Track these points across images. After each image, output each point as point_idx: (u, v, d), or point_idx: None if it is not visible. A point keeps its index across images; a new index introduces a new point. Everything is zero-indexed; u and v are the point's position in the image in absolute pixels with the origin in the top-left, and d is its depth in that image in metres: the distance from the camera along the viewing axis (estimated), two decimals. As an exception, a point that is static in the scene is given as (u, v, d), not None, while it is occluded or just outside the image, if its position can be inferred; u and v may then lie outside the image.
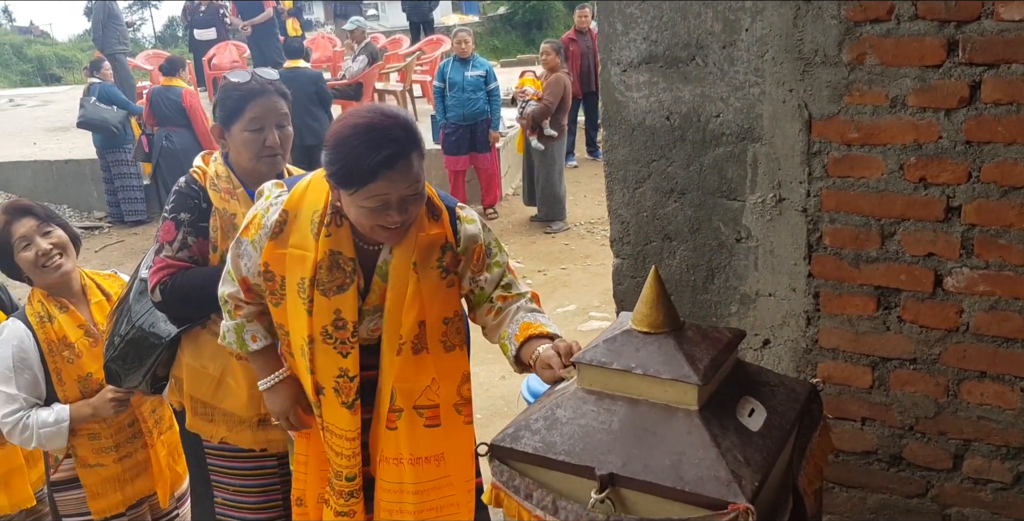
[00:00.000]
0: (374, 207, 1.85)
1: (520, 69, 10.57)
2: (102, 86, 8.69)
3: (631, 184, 2.10)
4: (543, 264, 7.31)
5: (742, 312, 2.10)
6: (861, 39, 1.75)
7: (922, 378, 1.95)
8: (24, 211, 2.57)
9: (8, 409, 2.52)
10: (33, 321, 2.56)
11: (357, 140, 1.82)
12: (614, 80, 2.02)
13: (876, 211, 1.86)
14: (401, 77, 10.26)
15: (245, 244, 2.05)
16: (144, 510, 2.78)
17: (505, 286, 2.15)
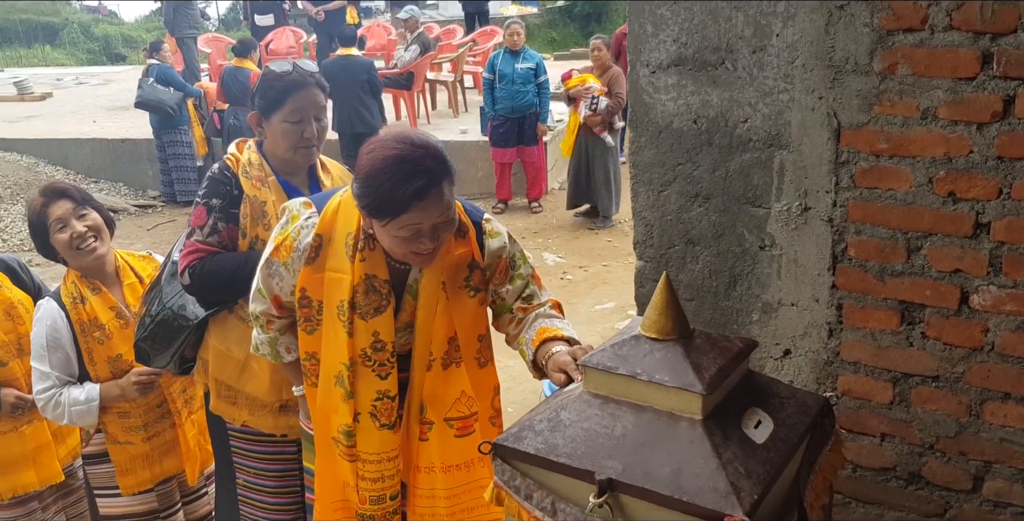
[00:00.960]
0: (407, 236, 1.87)
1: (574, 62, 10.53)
2: (160, 68, 8.88)
3: (656, 187, 2.08)
4: (585, 260, 7.29)
5: (763, 321, 2.08)
6: (893, 48, 1.71)
7: (944, 396, 1.91)
8: (61, 193, 2.63)
9: (42, 386, 2.60)
10: (67, 302, 2.62)
11: (389, 172, 1.82)
12: (643, 81, 2.00)
13: (903, 224, 1.82)
14: (453, 67, 10.28)
15: (276, 265, 2.06)
16: (173, 487, 2.84)
17: (526, 298, 2.17)
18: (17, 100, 13.49)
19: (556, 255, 7.45)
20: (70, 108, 12.67)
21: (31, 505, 2.96)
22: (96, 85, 15.40)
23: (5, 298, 2.86)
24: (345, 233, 1.99)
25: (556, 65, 11.80)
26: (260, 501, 2.55)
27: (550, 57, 15.00)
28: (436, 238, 1.91)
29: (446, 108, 10.56)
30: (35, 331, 2.63)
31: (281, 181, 2.45)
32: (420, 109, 9.95)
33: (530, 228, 8.13)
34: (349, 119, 8.19)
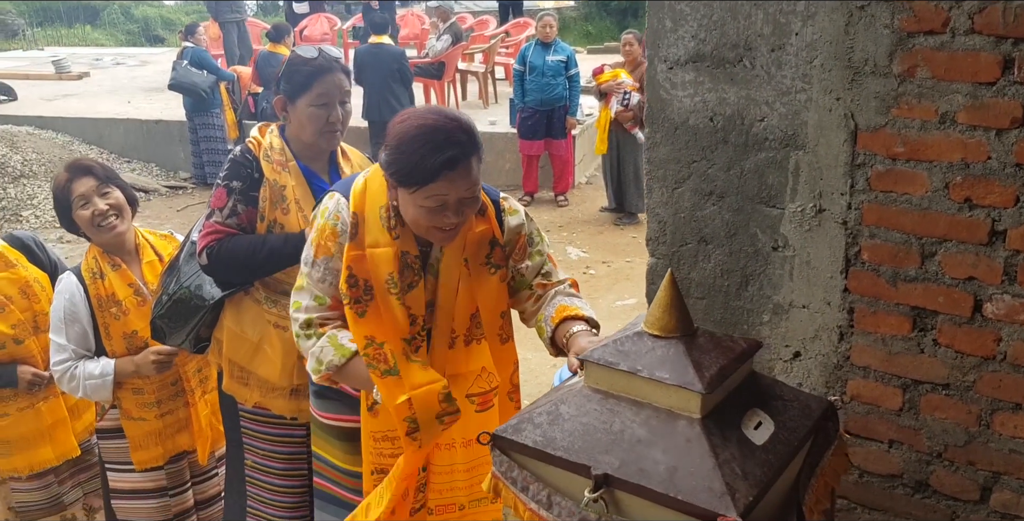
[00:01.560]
0: (432, 207, 1.89)
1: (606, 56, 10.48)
2: (194, 50, 8.96)
3: (670, 184, 2.07)
4: (609, 256, 7.27)
5: (774, 322, 2.06)
6: (913, 51, 1.68)
7: (954, 405, 1.89)
8: (85, 170, 2.67)
9: (59, 358, 2.65)
10: (86, 276, 2.66)
11: (422, 140, 1.85)
12: (660, 77, 1.99)
13: (918, 229, 1.80)
14: (484, 58, 10.28)
15: (326, 262, 2.03)
16: (183, 466, 2.88)
17: (545, 274, 2.18)
18: (55, 79, 13.67)
19: (580, 250, 7.44)
20: (106, 88, 12.83)
21: (47, 478, 3.01)
22: (133, 66, 15.56)
23: (20, 277, 2.91)
24: (377, 206, 2.00)
25: (589, 59, 11.75)
26: (268, 482, 2.58)
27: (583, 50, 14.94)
28: (460, 213, 1.92)
29: (476, 99, 10.56)
30: (54, 304, 2.68)
31: (301, 166, 2.47)
32: (450, 99, 9.96)
33: (555, 222, 8.12)
34: (378, 107, 8.22)
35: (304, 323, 2.04)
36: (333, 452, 2.29)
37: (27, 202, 8.87)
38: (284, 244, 2.37)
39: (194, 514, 2.94)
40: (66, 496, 3.07)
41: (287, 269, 2.42)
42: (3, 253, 2.93)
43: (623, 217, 8.01)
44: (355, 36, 12.63)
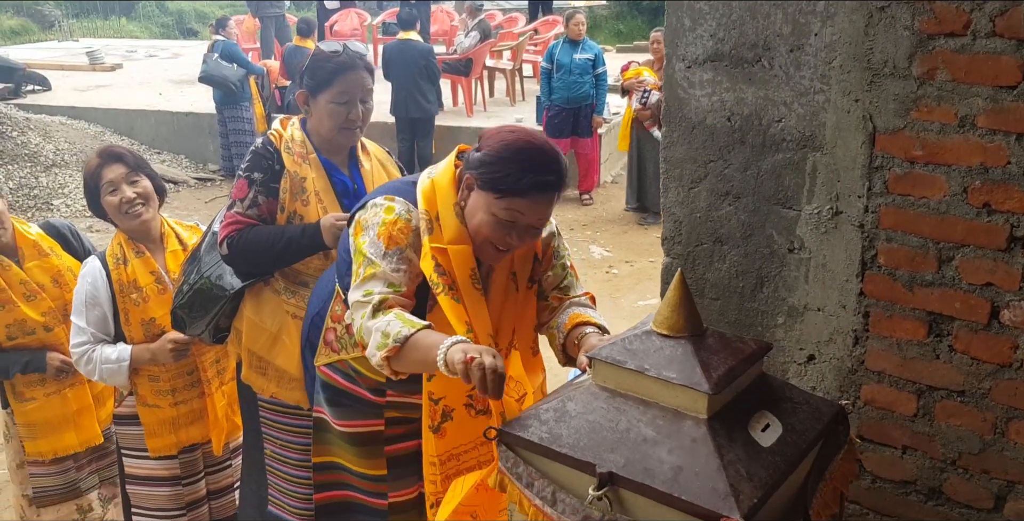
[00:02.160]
0: (503, 220, 1.89)
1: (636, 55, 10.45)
2: (225, 44, 9.03)
3: (687, 183, 2.06)
4: (632, 255, 7.25)
5: (788, 324, 2.05)
6: (933, 53, 1.66)
7: (969, 412, 1.86)
8: (116, 157, 2.71)
9: (77, 340, 2.69)
10: (110, 261, 2.70)
11: (528, 154, 1.88)
12: (678, 76, 1.98)
13: (935, 234, 1.78)
14: (513, 55, 10.27)
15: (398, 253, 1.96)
16: (197, 455, 2.91)
17: (564, 288, 2.18)
18: (89, 70, 13.83)
19: (603, 249, 7.42)
20: (139, 80, 12.96)
21: (66, 463, 3.05)
22: (165, 58, 15.71)
23: (53, 265, 2.95)
24: (451, 204, 1.98)
25: (618, 57, 11.72)
26: (285, 472, 2.60)
27: (612, 49, 14.90)
28: (522, 238, 1.94)
29: (503, 96, 10.56)
30: (77, 287, 2.72)
31: (322, 159, 2.49)
32: (477, 96, 9.97)
33: (579, 220, 8.11)
34: (405, 104, 8.24)
35: (377, 303, 1.90)
36: (349, 458, 2.28)
37: (58, 191, 8.99)
38: (302, 235, 2.39)
39: (206, 503, 2.97)
40: (83, 482, 3.11)
41: (306, 260, 2.44)
42: (38, 241, 2.97)
43: (647, 217, 7.98)
44: (385, 32, 12.67)
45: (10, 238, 2.92)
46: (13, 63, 11.64)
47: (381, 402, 2.21)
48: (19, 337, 2.90)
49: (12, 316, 2.88)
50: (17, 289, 2.88)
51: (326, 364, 2.25)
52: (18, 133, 9.60)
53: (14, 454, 3.07)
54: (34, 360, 2.89)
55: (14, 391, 2.96)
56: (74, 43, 17.98)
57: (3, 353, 2.90)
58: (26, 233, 2.96)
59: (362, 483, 2.29)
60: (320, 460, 2.34)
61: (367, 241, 1.97)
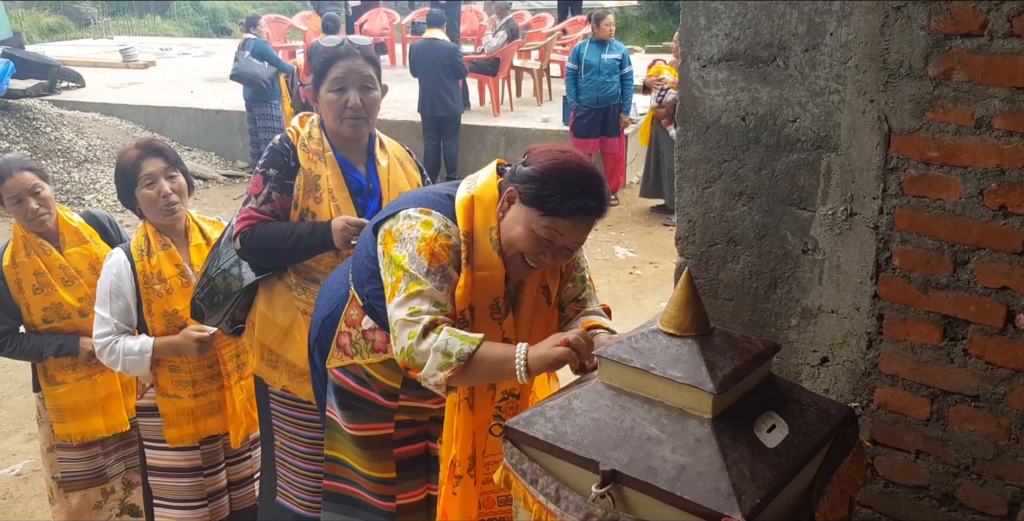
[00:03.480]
0: (542, 238, 1.90)
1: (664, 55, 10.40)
2: (256, 42, 9.11)
3: (701, 183, 2.05)
4: (656, 256, 7.22)
5: (802, 326, 2.03)
6: (950, 53, 1.64)
7: (983, 417, 1.84)
8: (157, 151, 2.76)
9: (101, 330, 2.72)
10: (135, 253, 2.74)
11: (581, 178, 1.89)
12: (692, 75, 1.98)
13: (950, 236, 1.76)
14: (540, 55, 10.27)
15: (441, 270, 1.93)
16: (218, 447, 2.94)
17: (581, 300, 2.19)
18: (122, 67, 14.03)
19: (628, 249, 7.41)
20: (171, 77, 13.11)
21: (94, 449, 3.10)
22: (198, 56, 15.89)
23: (92, 253, 3.03)
24: (488, 227, 1.96)
25: (647, 58, 11.68)
26: (293, 464, 2.63)
27: (642, 50, 14.85)
28: (556, 258, 1.95)
29: (530, 96, 10.56)
30: (101, 278, 2.76)
31: (338, 157, 2.50)
32: (504, 96, 9.97)
33: (604, 221, 8.06)
34: (431, 102, 8.27)
35: (429, 323, 1.87)
36: (357, 460, 2.30)
37: (90, 186, 9.12)
38: (312, 234, 2.41)
39: (227, 494, 3.00)
40: (109, 469, 3.16)
41: (318, 257, 2.46)
42: (79, 229, 3.05)
43: (672, 217, 7.95)
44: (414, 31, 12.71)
45: (53, 224, 3.00)
46: (48, 60, 11.83)
47: (393, 406, 2.22)
48: (55, 321, 2.97)
49: (50, 300, 2.95)
50: (56, 273, 2.96)
51: (338, 367, 2.23)
52: (52, 129, 9.75)
53: (45, 438, 3.14)
54: (67, 344, 2.96)
55: (46, 375, 3.03)
56: (109, 40, 18.23)
57: (38, 336, 2.97)
58: (69, 220, 3.05)
59: (371, 485, 2.30)
60: (331, 454, 2.36)
61: (406, 256, 1.92)
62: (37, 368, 3.05)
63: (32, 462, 4.10)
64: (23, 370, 4.76)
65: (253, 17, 9.75)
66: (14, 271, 2.93)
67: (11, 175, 2.89)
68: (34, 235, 2.97)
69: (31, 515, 3.75)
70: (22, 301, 2.95)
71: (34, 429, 4.03)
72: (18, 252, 2.95)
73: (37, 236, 2.97)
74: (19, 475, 4.05)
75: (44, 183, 2.98)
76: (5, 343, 2.95)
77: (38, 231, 2.98)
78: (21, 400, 4.75)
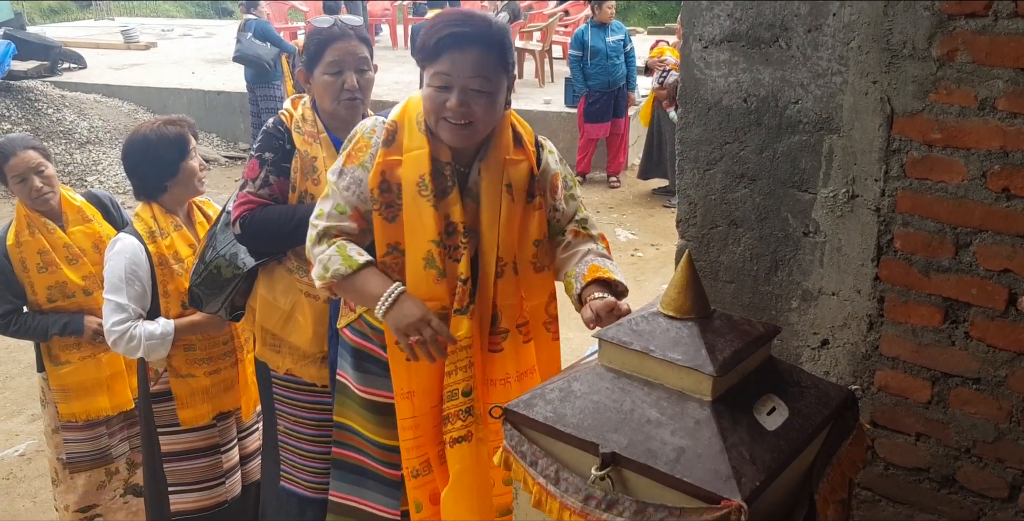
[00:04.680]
0: (437, 87, 1.94)
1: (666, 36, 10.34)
2: (258, 22, 9.05)
3: (702, 165, 2.04)
4: (658, 238, 7.22)
5: (803, 308, 2.03)
6: (954, 34, 1.63)
7: (984, 400, 1.84)
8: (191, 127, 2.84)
9: (117, 318, 2.69)
10: (145, 237, 2.73)
11: (444, 17, 1.96)
12: (694, 56, 1.96)
13: (952, 219, 1.75)
14: (542, 37, 10.21)
15: (353, 172, 2.06)
16: (231, 423, 2.96)
17: (580, 221, 2.22)
18: (124, 48, 13.96)
19: (629, 231, 7.40)
20: (172, 58, 13.06)
21: (99, 429, 3.12)
22: (199, 37, 15.82)
23: (94, 232, 3.04)
24: (415, 113, 2.05)
25: (649, 39, 11.61)
26: (298, 448, 2.63)
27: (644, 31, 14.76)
28: (464, 103, 1.93)
29: (532, 77, 10.51)
30: (112, 264, 2.72)
31: (332, 138, 2.49)
32: (507, 77, 9.92)
33: (605, 203, 8.08)
34: (432, 81, 8.24)
35: (322, 231, 2.07)
36: (366, 425, 2.30)
37: (92, 168, 9.11)
38: None
39: (239, 470, 3.02)
40: (114, 449, 3.17)
41: None
42: (82, 208, 3.07)
43: (673, 199, 7.95)
44: (415, 12, 12.63)
45: (57, 203, 3.02)
46: (50, 41, 11.79)
47: None
48: (59, 300, 2.98)
49: (54, 278, 2.97)
50: (60, 252, 2.97)
51: (346, 325, 2.29)
52: (54, 110, 9.73)
53: (50, 419, 3.15)
54: (72, 322, 2.97)
55: (50, 354, 3.04)
56: (110, 22, 18.14)
57: (43, 315, 2.98)
58: (72, 199, 3.06)
59: (377, 452, 2.31)
60: (340, 420, 2.37)
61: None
62: (41, 348, 3.06)
63: (35, 442, 4.12)
64: (26, 351, 4.78)
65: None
66: (18, 250, 2.94)
67: (15, 154, 2.91)
68: (37, 214, 2.98)
69: (35, 495, 3.78)
70: (26, 280, 2.96)
71: (37, 410, 4.06)
72: (22, 231, 2.96)
73: (41, 215, 2.99)
74: (22, 455, 4.08)
75: (48, 162, 2.99)
76: (10, 322, 2.96)
77: (42, 210, 2.99)
78: (24, 381, 4.77)
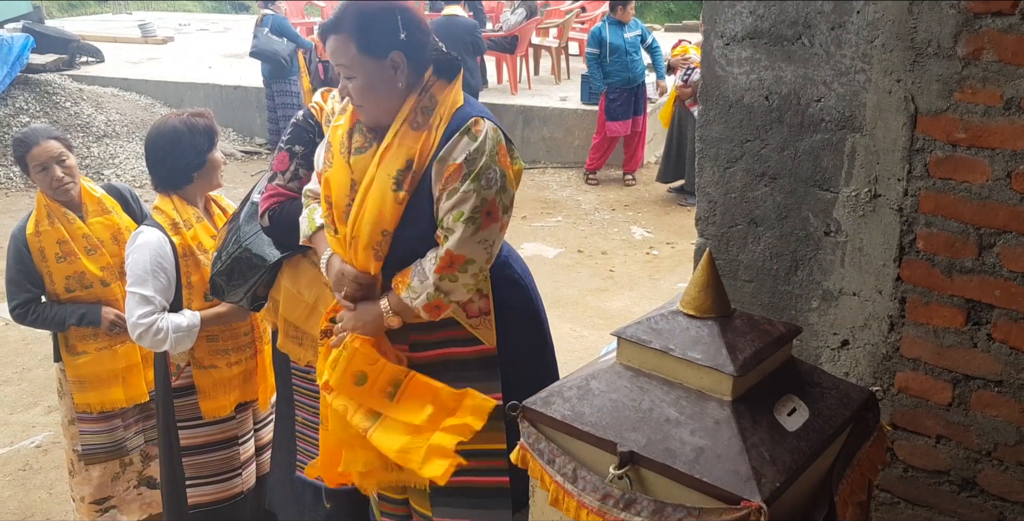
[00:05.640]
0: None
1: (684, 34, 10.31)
2: (275, 18, 9.06)
3: (722, 163, 2.03)
4: (673, 237, 7.19)
5: (823, 308, 2.02)
6: (980, 32, 1.61)
7: (1006, 402, 1.82)
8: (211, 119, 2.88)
9: (143, 310, 2.68)
10: (168, 229, 2.74)
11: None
12: (716, 53, 1.95)
13: (976, 219, 1.73)
14: (559, 33, 10.19)
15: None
16: (248, 415, 2.98)
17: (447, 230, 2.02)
18: (141, 42, 14.01)
19: (645, 230, 7.37)
20: (189, 53, 13.09)
21: (115, 422, 3.13)
22: (216, 32, 15.85)
23: (113, 223, 3.06)
24: None
25: (667, 36, 11.58)
26: (316, 439, 2.64)
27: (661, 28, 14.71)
28: (343, 87, 2.11)
29: (548, 74, 10.49)
30: (136, 257, 2.71)
31: None
32: (522, 74, 9.91)
33: (621, 201, 8.06)
34: (450, 78, 8.24)
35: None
36: None
37: (109, 161, 9.15)
38: None
39: (254, 461, 3.03)
40: (129, 441, 3.19)
41: None
42: (102, 199, 3.09)
43: (689, 198, 7.91)
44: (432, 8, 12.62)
45: (77, 193, 3.04)
46: (68, 35, 11.84)
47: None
48: (77, 290, 3.00)
49: (73, 268, 2.99)
50: (80, 242, 2.99)
51: None
52: (71, 104, 9.78)
53: (66, 410, 3.17)
54: (89, 313, 2.99)
55: (67, 344, 3.06)
56: (128, 16, 18.22)
57: (60, 305, 3.00)
58: (92, 191, 3.09)
59: None
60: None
61: None
62: (59, 337, 3.08)
63: (51, 434, 4.15)
64: (44, 343, 4.81)
65: (269, -8, 9.70)
66: (37, 239, 2.97)
67: (38, 143, 2.93)
68: (58, 204, 3.00)
69: (50, 486, 3.80)
70: (45, 270, 2.98)
71: (54, 402, 4.08)
72: (42, 221, 2.99)
73: (61, 205, 3.01)
74: (39, 447, 4.11)
75: (69, 152, 3.02)
76: (28, 311, 2.98)
77: (62, 200, 3.01)
78: (41, 373, 4.80)
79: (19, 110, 9.40)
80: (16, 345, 5.16)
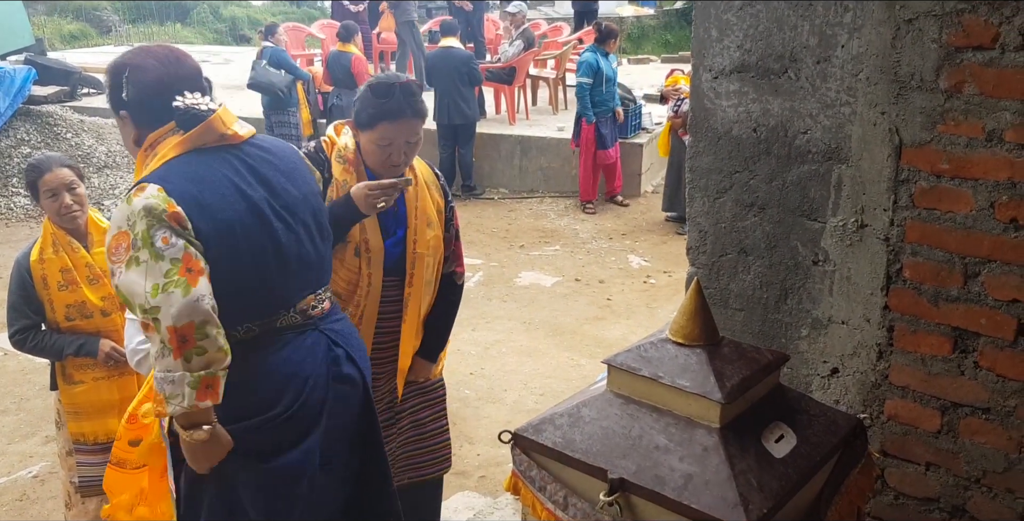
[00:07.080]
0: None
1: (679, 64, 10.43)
2: (273, 50, 9.15)
3: (712, 194, 2.06)
4: (670, 266, 7.21)
5: (812, 337, 2.04)
6: (961, 66, 1.65)
7: (994, 430, 1.84)
8: None
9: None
10: None
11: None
12: (704, 86, 1.99)
13: (961, 249, 1.76)
14: (556, 65, 10.30)
15: None
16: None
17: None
18: (143, 74, 14.09)
19: (642, 258, 7.40)
20: (190, 85, 13.16)
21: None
22: (217, 64, 16.00)
23: None
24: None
25: (662, 68, 11.70)
26: None
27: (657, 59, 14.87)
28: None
29: (546, 105, 10.59)
30: None
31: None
32: (520, 104, 10.00)
33: (618, 230, 8.09)
34: (447, 110, 8.32)
35: None
36: None
37: (110, 192, 9.20)
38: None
39: None
40: (126, 474, 3.19)
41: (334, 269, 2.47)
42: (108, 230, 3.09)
43: (686, 227, 7.96)
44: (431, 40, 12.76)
45: (84, 222, 3.06)
46: (70, 66, 11.94)
47: None
48: (77, 319, 3.01)
49: (74, 297, 2.99)
50: (82, 271, 3.00)
51: None
52: (72, 134, 9.84)
53: (64, 441, 3.16)
54: (87, 344, 3.00)
55: (64, 373, 3.06)
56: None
57: (59, 334, 3.01)
58: (99, 221, 3.11)
59: None
60: None
61: None
62: (56, 366, 3.08)
63: (49, 464, 4.13)
64: (42, 373, 4.81)
65: (272, 25, 9.80)
66: (41, 267, 2.98)
67: (51, 169, 2.96)
68: (63, 232, 3.02)
69: (47, 517, 3.78)
70: (46, 297, 2.99)
71: (51, 432, 4.07)
72: (46, 248, 3.01)
73: (67, 234, 3.03)
74: (36, 477, 4.09)
75: (80, 182, 3.04)
76: (27, 338, 2.99)
77: (68, 228, 3.03)
78: (39, 402, 4.80)
79: (21, 141, 9.46)
80: (15, 375, 5.16)
